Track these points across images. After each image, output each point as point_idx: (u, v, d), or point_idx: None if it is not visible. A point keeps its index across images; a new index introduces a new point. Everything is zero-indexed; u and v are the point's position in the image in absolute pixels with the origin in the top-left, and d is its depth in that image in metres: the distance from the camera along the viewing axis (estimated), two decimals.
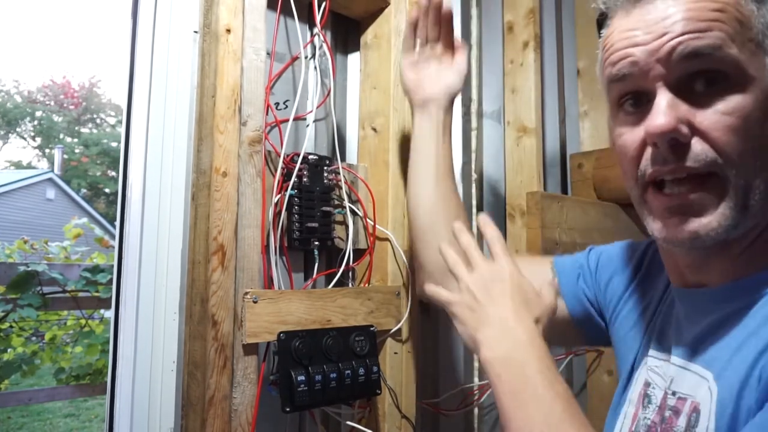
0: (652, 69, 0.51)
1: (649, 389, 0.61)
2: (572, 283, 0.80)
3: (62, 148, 19.68)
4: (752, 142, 0.49)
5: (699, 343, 0.55)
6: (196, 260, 0.81)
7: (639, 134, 0.53)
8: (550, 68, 1.57)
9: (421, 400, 1.11)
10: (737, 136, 0.48)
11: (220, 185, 0.80)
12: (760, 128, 0.49)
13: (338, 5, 1.05)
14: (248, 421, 0.80)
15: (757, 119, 0.49)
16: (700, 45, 0.48)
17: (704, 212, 0.50)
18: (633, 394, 0.65)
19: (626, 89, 0.54)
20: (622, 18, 0.54)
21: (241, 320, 0.80)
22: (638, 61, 0.51)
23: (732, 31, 0.49)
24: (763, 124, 0.49)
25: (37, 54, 44.64)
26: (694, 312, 0.58)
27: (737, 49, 0.49)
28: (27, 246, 3.85)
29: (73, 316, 3.57)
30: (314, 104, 1.04)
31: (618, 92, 0.55)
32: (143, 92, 0.86)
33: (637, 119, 0.54)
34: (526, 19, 1.39)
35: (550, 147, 1.56)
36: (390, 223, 1.02)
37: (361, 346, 0.91)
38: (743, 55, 0.49)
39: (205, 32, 0.85)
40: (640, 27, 0.52)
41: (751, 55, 0.49)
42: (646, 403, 0.61)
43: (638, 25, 0.52)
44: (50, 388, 3.51)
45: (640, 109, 0.53)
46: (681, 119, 0.49)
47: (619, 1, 0.55)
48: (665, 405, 0.57)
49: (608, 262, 0.78)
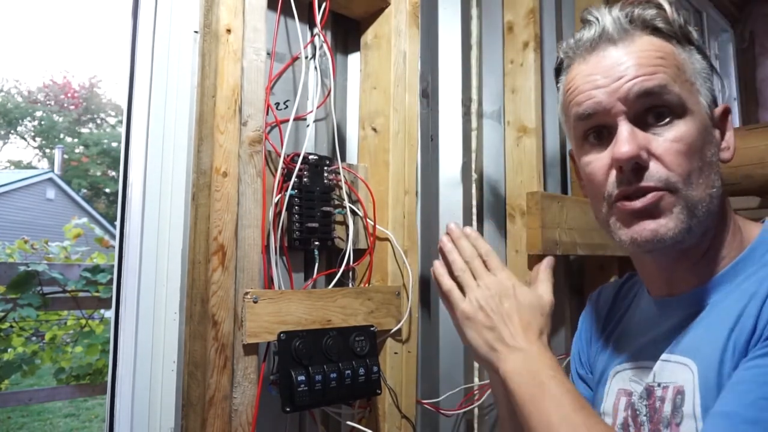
0: (614, 107, 0.60)
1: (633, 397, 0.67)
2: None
3: (62, 148, 19.68)
4: (696, 163, 0.59)
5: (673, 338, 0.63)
6: (197, 260, 0.81)
7: (604, 161, 0.62)
8: (550, 68, 1.57)
9: (421, 400, 1.11)
10: (685, 158, 0.59)
11: (220, 185, 0.80)
12: (702, 152, 0.60)
13: (338, 5, 1.05)
14: (248, 421, 0.80)
15: (699, 144, 0.60)
16: (651, 85, 0.59)
17: (662, 215, 0.59)
18: (607, 406, 0.70)
19: (591, 125, 0.63)
20: (580, 64, 0.64)
21: (242, 320, 0.80)
22: (601, 101, 0.61)
23: (673, 74, 0.60)
24: (704, 148, 0.60)
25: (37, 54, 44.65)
26: (667, 316, 0.66)
27: (678, 87, 0.60)
28: (27, 246, 3.85)
29: (73, 316, 3.57)
30: (314, 104, 1.04)
31: (584, 128, 0.64)
32: (143, 92, 0.86)
33: (601, 149, 0.63)
34: (526, 19, 1.39)
35: (550, 147, 1.56)
36: (390, 223, 1.02)
37: (361, 346, 0.91)
38: (683, 92, 0.60)
39: (206, 32, 0.85)
40: (598, 72, 0.62)
41: (688, 93, 0.60)
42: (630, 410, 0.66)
43: (596, 71, 0.62)
44: (50, 388, 3.51)
45: (602, 141, 0.63)
46: (641, 146, 0.59)
47: (578, 50, 0.64)
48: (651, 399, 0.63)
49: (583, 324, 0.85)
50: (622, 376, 0.69)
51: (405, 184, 1.05)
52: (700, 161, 0.59)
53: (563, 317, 1.52)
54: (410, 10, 1.09)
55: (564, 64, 0.68)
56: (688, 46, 0.63)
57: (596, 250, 1.44)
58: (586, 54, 0.64)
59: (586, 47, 0.63)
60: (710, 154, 0.61)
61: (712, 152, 0.61)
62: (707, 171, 0.60)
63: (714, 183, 0.61)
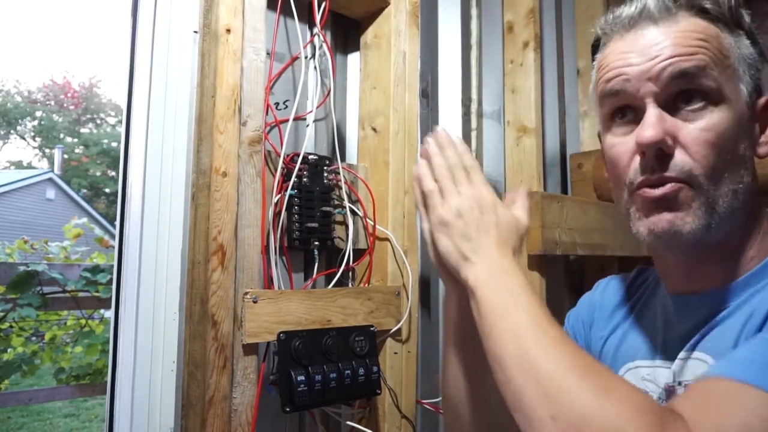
0: (643, 86, 0.57)
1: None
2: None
3: (62, 148, 19.67)
4: (724, 156, 0.56)
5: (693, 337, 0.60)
6: (196, 260, 0.81)
7: (629, 145, 0.59)
8: (550, 68, 1.57)
9: (421, 400, 1.11)
10: (713, 150, 0.55)
11: (220, 185, 0.80)
12: (733, 144, 0.56)
13: (338, 5, 1.05)
14: (248, 421, 0.80)
15: (731, 136, 0.56)
16: (687, 66, 0.55)
17: (680, 209, 0.56)
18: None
19: (618, 104, 0.60)
20: (617, 41, 0.61)
21: (241, 320, 0.80)
22: (630, 79, 0.58)
23: (713, 57, 0.56)
24: (736, 140, 0.56)
25: (37, 54, 44.66)
26: (686, 314, 0.63)
27: (718, 72, 0.56)
28: (27, 246, 3.85)
29: (73, 316, 3.56)
30: (314, 104, 1.04)
31: (611, 106, 0.61)
32: (143, 92, 0.86)
33: (627, 131, 0.60)
34: (526, 19, 1.39)
35: (550, 147, 1.56)
36: (390, 223, 1.02)
37: (361, 346, 0.91)
38: (723, 78, 0.56)
39: (205, 32, 0.85)
40: (634, 50, 0.58)
41: (728, 80, 0.56)
42: None
43: (632, 48, 0.59)
44: (50, 388, 3.51)
45: (630, 122, 0.60)
46: (667, 132, 0.56)
47: (616, 26, 0.61)
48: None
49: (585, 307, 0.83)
50: (634, 374, 0.66)
51: (405, 184, 1.05)
52: (730, 154, 0.56)
53: (563, 317, 1.52)
54: (410, 10, 1.09)
55: (601, 42, 0.64)
56: (737, 30, 0.59)
57: (596, 250, 1.44)
58: (623, 31, 0.60)
59: (624, 24, 0.60)
60: (743, 147, 0.57)
61: (746, 146, 0.58)
62: (736, 166, 0.57)
63: (742, 179, 0.57)
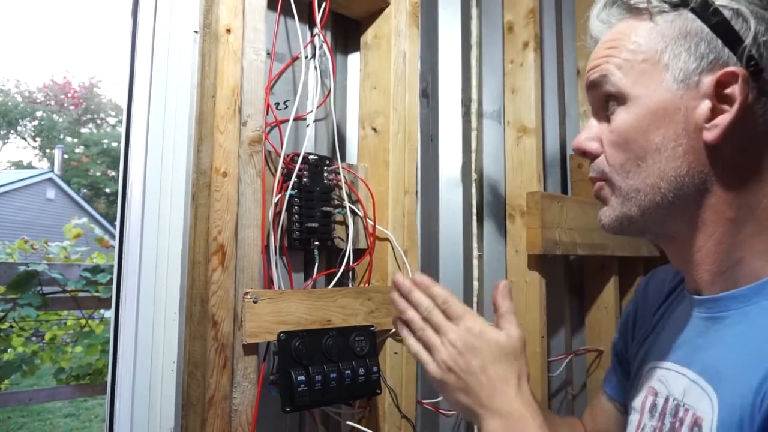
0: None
1: (657, 399, 0.63)
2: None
3: (62, 148, 19.67)
4: (631, 152, 0.57)
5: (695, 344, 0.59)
6: (196, 260, 0.81)
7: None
8: (550, 68, 1.57)
9: (421, 400, 1.11)
10: (617, 149, 0.58)
11: (220, 185, 0.80)
12: (642, 139, 0.56)
13: (338, 5, 1.05)
14: (248, 421, 0.80)
15: (638, 131, 0.56)
16: (594, 78, 0.60)
17: (605, 203, 0.61)
18: (637, 402, 0.67)
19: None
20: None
21: (241, 320, 0.80)
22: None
23: (620, 61, 0.57)
24: (646, 133, 0.56)
25: (37, 54, 44.66)
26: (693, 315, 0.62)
27: (622, 73, 0.57)
28: (27, 246, 3.85)
29: (73, 316, 3.57)
30: (314, 104, 1.04)
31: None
32: (143, 92, 0.86)
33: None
34: (526, 19, 1.39)
35: (550, 147, 1.56)
36: (390, 223, 1.02)
37: (361, 346, 0.91)
38: (627, 79, 0.57)
39: (206, 32, 0.85)
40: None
41: (639, 76, 0.56)
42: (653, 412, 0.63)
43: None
44: (50, 388, 3.51)
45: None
46: (588, 138, 0.61)
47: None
48: (666, 410, 0.60)
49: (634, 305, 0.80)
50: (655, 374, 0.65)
51: (405, 184, 1.05)
52: (641, 149, 0.56)
53: (563, 317, 1.52)
54: (410, 10, 1.09)
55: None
56: (676, 9, 0.55)
57: (596, 250, 1.44)
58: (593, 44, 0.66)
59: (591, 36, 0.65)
60: (660, 139, 0.55)
61: (668, 136, 0.54)
62: (651, 159, 0.55)
63: (666, 172, 0.55)
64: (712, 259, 0.57)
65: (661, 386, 0.63)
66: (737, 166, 0.54)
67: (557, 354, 1.45)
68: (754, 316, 0.53)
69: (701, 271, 0.59)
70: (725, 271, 0.57)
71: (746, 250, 0.55)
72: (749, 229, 0.55)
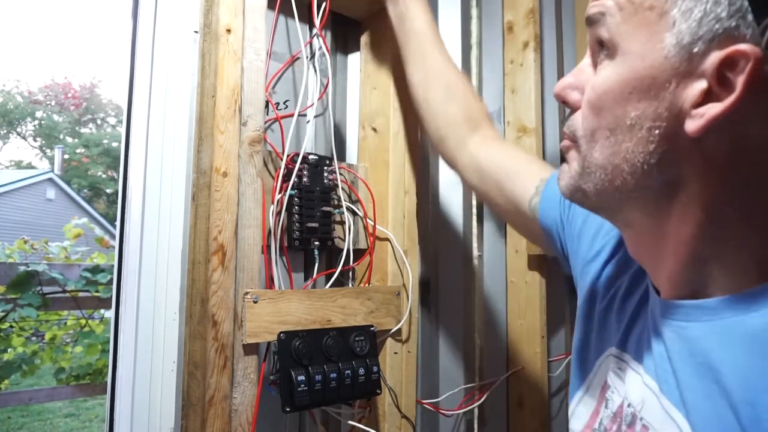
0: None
1: (608, 392, 0.57)
2: (554, 197, 0.73)
3: (62, 148, 19.69)
4: (601, 119, 0.47)
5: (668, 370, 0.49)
6: (196, 260, 0.81)
7: None
8: (550, 68, 1.57)
9: (421, 400, 1.11)
10: (591, 111, 0.48)
11: (220, 185, 0.80)
12: (617, 108, 0.46)
13: (338, 5, 1.05)
14: (248, 421, 0.80)
15: (614, 98, 0.46)
16: (592, 12, 0.48)
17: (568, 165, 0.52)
18: (593, 382, 0.61)
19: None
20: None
21: (241, 320, 0.80)
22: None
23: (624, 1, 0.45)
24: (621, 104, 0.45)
25: (38, 54, 44.69)
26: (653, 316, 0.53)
27: (621, 19, 0.45)
28: (27, 246, 3.86)
29: (73, 316, 3.57)
30: (314, 104, 1.04)
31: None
32: (143, 92, 0.86)
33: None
34: (526, 19, 1.39)
35: (550, 147, 1.56)
36: (390, 223, 1.02)
37: (361, 346, 0.91)
38: (625, 26, 0.45)
39: (206, 32, 0.85)
40: None
41: (637, 27, 0.44)
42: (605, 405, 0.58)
43: None
44: (50, 388, 3.51)
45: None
46: (570, 85, 0.51)
47: None
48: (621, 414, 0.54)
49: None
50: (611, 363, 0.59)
51: (405, 184, 1.05)
52: (614, 121, 0.46)
53: (563, 317, 1.52)
54: None
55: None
56: None
57: None
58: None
59: None
60: (640, 115, 0.44)
61: (652, 114, 0.44)
62: (622, 135, 0.46)
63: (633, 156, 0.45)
64: (672, 259, 0.49)
65: (617, 380, 0.56)
66: (722, 167, 0.44)
67: (557, 354, 1.45)
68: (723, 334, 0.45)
69: (659, 269, 0.51)
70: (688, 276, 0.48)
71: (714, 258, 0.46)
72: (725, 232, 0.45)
